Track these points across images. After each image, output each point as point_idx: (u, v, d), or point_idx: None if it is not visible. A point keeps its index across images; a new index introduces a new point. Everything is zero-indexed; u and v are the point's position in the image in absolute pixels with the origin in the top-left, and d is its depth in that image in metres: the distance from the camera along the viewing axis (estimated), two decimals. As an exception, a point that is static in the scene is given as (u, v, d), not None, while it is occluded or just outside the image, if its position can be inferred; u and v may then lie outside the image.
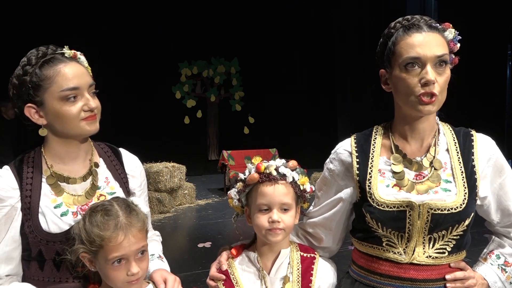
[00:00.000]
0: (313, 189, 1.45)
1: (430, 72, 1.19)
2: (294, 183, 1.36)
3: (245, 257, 1.43)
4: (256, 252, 1.41)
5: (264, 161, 1.39)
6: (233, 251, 1.44)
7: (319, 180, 1.48)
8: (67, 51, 1.28)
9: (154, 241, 1.57)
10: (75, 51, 1.31)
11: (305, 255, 1.42)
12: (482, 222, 1.38)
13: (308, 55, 11.28)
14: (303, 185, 1.38)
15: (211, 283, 1.42)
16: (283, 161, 1.40)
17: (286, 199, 1.34)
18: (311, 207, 1.50)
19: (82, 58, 1.32)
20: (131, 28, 9.60)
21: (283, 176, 1.35)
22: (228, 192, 1.46)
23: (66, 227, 1.25)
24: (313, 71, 11.34)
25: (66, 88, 1.23)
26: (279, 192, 1.33)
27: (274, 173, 1.34)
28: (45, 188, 1.28)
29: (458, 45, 1.28)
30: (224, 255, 1.45)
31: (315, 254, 1.44)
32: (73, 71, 1.25)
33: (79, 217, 1.27)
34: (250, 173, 1.37)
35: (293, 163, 1.39)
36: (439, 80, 1.21)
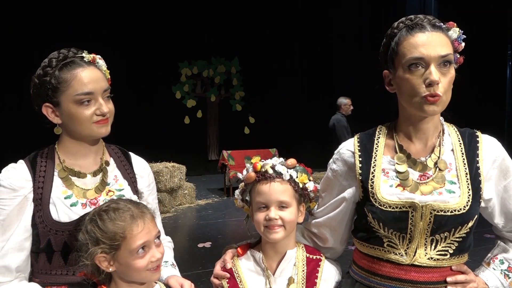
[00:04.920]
0: (318, 188, 1.44)
1: (434, 73, 1.17)
2: (292, 181, 1.36)
3: (250, 257, 1.43)
4: (261, 252, 1.41)
5: (262, 160, 1.40)
6: (239, 250, 1.44)
7: (322, 181, 1.47)
8: (86, 55, 1.35)
9: (167, 248, 1.60)
10: (95, 55, 1.37)
11: (311, 256, 1.42)
12: (482, 222, 1.37)
13: (308, 55, 11.29)
14: (303, 183, 1.38)
15: (215, 281, 1.42)
16: (281, 159, 1.40)
17: (283, 197, 1.33)
18: (315, 208, 1.49)
19: (101, 62, 1.39)
20: (131, 28, 9.60)
21: (279, 174, 1.35)
22: (235, 193, 1.47)
23: (75, 217, 1.30)
24: (313, 71, 11.34)
25: (81, 93, 1.29)
26: (275, 190, 1.33)
27: (270, 171, 1.35)
28: (57, 181, 1.35)
29: (463, 44, 1.26)
30: (229, 253, 1.45)
31: (321, 256, 1.44)
32: (89, 76, 1.31)
33: (88, 208, 1.33)
34: (247, 172, 1.38)
35: (291, 161, 1.39)
36: (443, 81, 1.19)
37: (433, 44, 1.19)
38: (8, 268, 1.27)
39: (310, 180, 1.40)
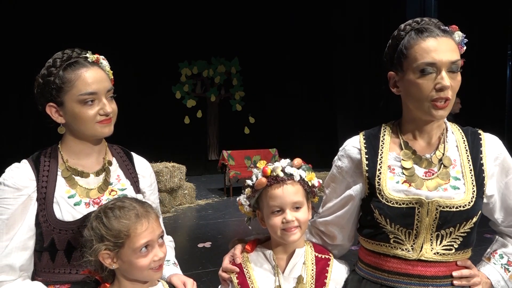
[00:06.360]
0: (321, 183, 1.45)
1: (445, 78, 1.20)
2: (302, 181, 1.37)
3: (260, 253, 1.43)
4: (271, 249, 1.42)
5: (269, 164, 1.39)
6: (248, 247, 1.44)
7: (327, 178, 1.49)
8: (90, 56, 1.36)
9: (168, 247, 1.61)
10: (98, 56, 1.39)
11: (320, 256, 1.43)
12: (482, 222, 1.39)
13: (308, 55, 11.28)
14: (311, 181, 1.39)
15: (224, 275, 1.42)
16: (288, 160, 1.40)
17: (297, 198, 1.34)
18: (320, 208, 1.50)
19: (105, 62, 1.40)
20: (131, 28, 9.60)
21: (290, 176, 1.35)
22: (237, 199, 1.46)
23: (79, 216, 1.32)
24: (313, 71, 11.34)
25: (85, 93, 1.31)
26: (288, 192, 1.34)
27: (281, 174, 1.35)
28: (60, 181, 1.36)
29: (464, 47, 1.29)
30: (239, 248, 1.45)
31: (330, 256, 1.45)
32: (93, 76, 1.33)
33: (91, 207, 1.34)
34: (257, 178, 1.37)
35: (298, 161, 1.40)
36: (452, 85, 1.22)
37: (444, 50, 1.22)
38: (12, 267, 1.28)
39: (314, 176, 1.42)
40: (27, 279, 1.33)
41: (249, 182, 1.41)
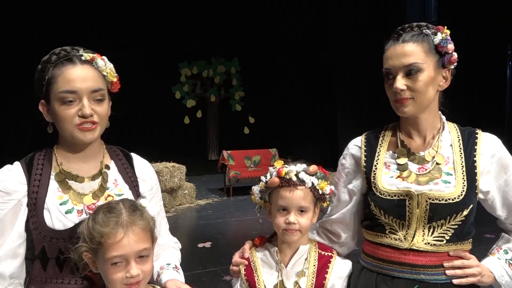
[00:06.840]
0: (333, 190, 1.51)
1: (398, 82, 1.32)
2: (313, 188, 1.43)
3: (266, 249, 1.51)
4: (276, 246, 1.49)
5: (285, 165, 1.45)
6: (257, 239, 1.53)
7: (335, 177, 1.58)
8: (84, 54, 1.29)
9: (172, 249, 1.57)
10: (96, 55, 1.31)
11: (322, 253, 1.49)
12: (482, 223, 1.41)
13: (308, 55, 11.29)
14: (322, 189, 1.45)
15: (234, 268, 1.51)
16: (304, 166, 1.45)
17: (304, 203, 1.41)
18: (328, 208, 1.58)
19: (101, 62, 1.31)
20: (131, 28, 9.62)
21: (302, 182, 1.41)
22: (252, 188, 1.53)
23: (70, 225, 1.24)
24: (313, 71, 11.34)
25: (63, 90, 1.23)
26: (297, 197, 1.40)
27: (294, 178, 1.41)
28: (53, 185, 1.29)
29: (449, 45, 1.35)
30: (248, 244, 1.54)
31: (333, 253, 1.51)
32: (77, 74, 1.25)
33: (84, 215, 1.26)
34: (271, 176, 1.44)
35: (313, 168, 1.45)
36: (412, 86, 1.32)
37: (399, 55, 1.33)
38: (1, 275, 1.23)
39: (327, 184, 1.47)
40: (18, 287, 1.27)
41: (263, 178, 1.48)
